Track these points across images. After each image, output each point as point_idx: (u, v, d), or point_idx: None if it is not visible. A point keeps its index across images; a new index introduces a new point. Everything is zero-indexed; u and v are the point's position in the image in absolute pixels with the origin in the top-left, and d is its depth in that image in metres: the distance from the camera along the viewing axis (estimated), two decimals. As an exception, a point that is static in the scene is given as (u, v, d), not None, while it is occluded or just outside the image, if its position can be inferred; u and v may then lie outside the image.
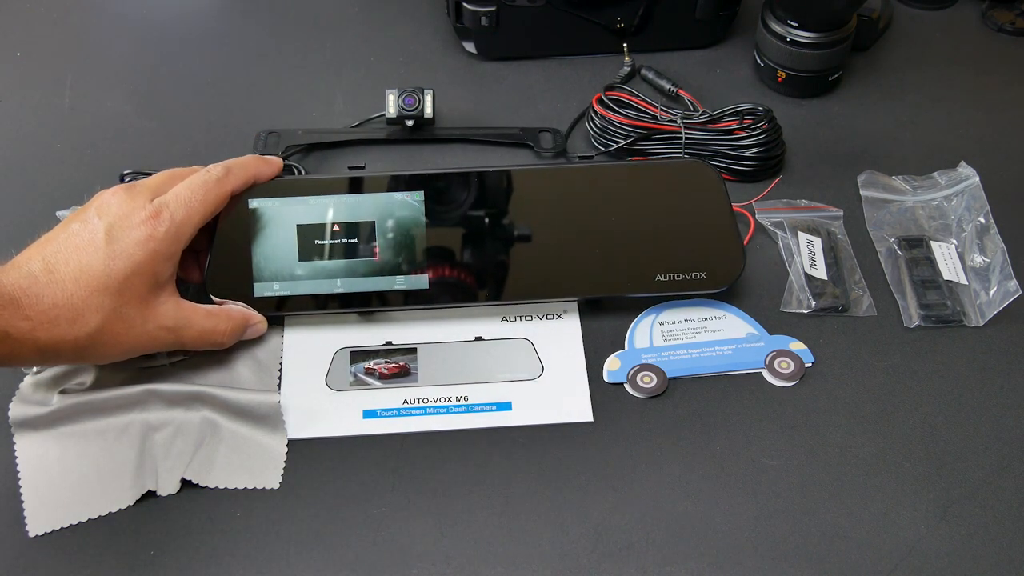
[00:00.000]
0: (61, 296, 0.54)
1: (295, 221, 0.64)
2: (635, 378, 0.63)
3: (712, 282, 0.64)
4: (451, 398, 0.62)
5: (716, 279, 0.64)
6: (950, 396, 0.62)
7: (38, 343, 0.53)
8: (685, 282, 0.64)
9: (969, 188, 0.72)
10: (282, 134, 0.78)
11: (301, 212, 0.64)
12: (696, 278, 0.64)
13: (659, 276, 0.64)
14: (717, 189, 0.66)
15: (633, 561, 0.55)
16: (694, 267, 0.64)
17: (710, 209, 0.66)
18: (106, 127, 0.80)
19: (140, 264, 0.56)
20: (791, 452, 0.60)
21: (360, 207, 0.64)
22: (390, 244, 0.64)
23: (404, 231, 0.64)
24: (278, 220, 0.64)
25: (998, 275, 0.67)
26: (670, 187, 0.66)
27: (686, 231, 0.65)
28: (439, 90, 0.78)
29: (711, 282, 0.64)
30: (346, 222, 0.64)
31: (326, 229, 0.64)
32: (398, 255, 0.64)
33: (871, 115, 0.81)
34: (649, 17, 0.84)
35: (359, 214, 0.64)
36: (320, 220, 0.64)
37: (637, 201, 0.66)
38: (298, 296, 0.63)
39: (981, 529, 0.56)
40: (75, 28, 0.89)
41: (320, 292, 0.64)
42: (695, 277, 0.64)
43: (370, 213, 0.64)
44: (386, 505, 0.57)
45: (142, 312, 0.56)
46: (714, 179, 0.66)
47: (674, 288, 0.64)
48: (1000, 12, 0.90)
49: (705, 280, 0.64)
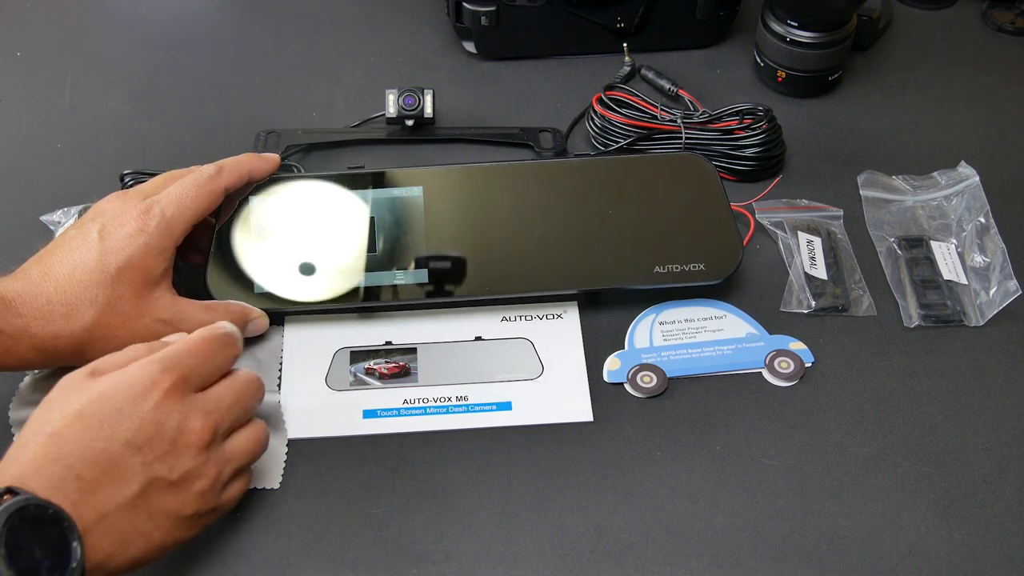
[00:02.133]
0: (55, 293, 0.55)
1: (295, 219, 0.64)
2: (635, 378, 0.63)
3: (711, 273, 0.64)
4: (451, 398, 0.62)
5: (714, 270, 0.64)
6: (950, 396, 0.62)
7: (34, 339, 0.55)
8: (684, 273, 0.64)
9: (969, 188, 0.72)
10: (282, 134, 0.78)
11: (301, 210, 0.64)
12: (695, 269, 0.64)
13: (658, 267, 0.64)
14: (712, 180, 0.66)
15: (633, 561, 0.55)
16: (692, 258, 0.64)
17: (706, 200, 0.66)
18: (106, 127, 0.80)
19: (132, 257, 0.56)
20: (791, 452, 0.60)
21: (359, 203, 0.65)
22: (389, 240, 0.64)
23: (403, 226, 0.64)
24: (278, 218, 0.64)
25: (998, 275, 0.67)
26: (665, 179, 0.67)
27: (683, 222, 0.66)
28: (439, 90, 0.78)
29: (709, 273, 0.64)
30: (345, 218, 0.64)
31: (325, 226, 0.64)
32: (397, 251, 0.64)
33: (871, 115, 0.81)
34: (649, 17, 0.84)
35: (358, 210, 0.64)
36: (320, 218, 0.64)
37: (634, 194, 0.66)
38: (298, 293, 0.63)
39: (981, 529, 0.56)
40: (75, 28, 0.89)
41: (320, 289, 0.64)
42: (693, 268, 0.64)
43: (369, 209, 0.64)
44: (386, 505, 0.57)
45: (137, 306, 0.57)
46: (709, 171, 0.67)
47: (673, 280, 0.64)
48: (1000, 12, 0.90)
49: (704, 271, 0.64)
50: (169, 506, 0.49)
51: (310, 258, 0.64)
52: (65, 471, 0.46)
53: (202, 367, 0.52)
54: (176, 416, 0.50)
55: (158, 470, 0.49)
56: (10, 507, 0.42)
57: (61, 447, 0.47)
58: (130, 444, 0.48)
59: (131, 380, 0.50)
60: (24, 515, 0.43)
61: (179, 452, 0.50)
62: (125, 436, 0.48)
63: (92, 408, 0.48)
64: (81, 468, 0.46)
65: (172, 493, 0.49)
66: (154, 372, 0.50)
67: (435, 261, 0.64)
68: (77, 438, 0.47)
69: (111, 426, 0.48)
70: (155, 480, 0.48)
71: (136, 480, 0.48)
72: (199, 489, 0.51)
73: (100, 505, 0.46)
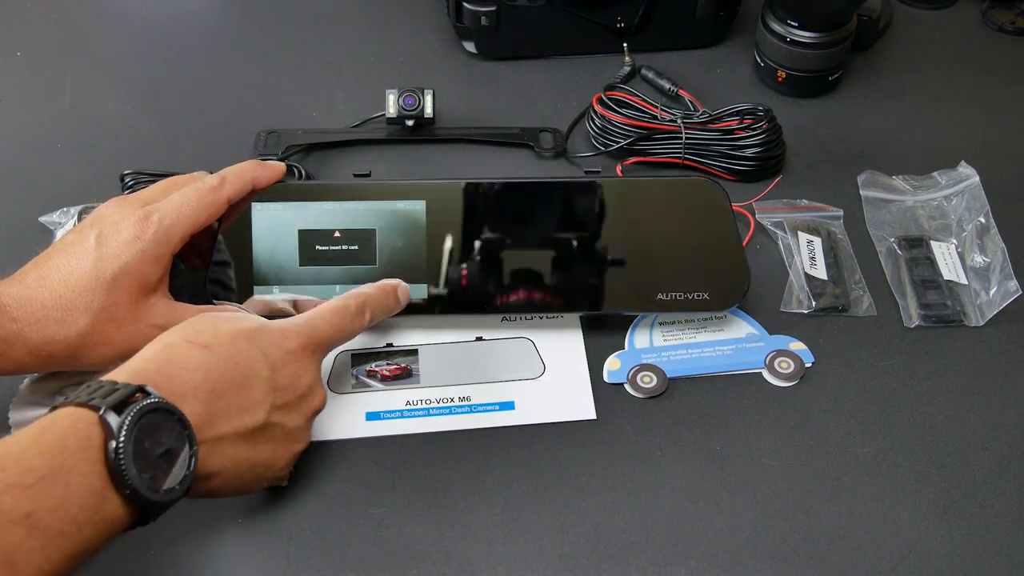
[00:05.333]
0: (50, 298, 0.55)
1: (297, 226, 0.64)
2: (635, 378, 0.63)
3: (715, 303, 0.64)
4: (454, 399, 0.62)
5: (719, 301, 0.64)
6: (950, 396, 0.62)
7: (28, 344, 0.55)
8: (687, 302, 0.63)
9: (969, 188, 0.72)
10: (282, 134, 0.78)
11: (303, 217, 0.64)
12: (699, 299, 0.63)
13: (661, 295, 0.64)
14: (723, 208, 0.65)
15: (633, 561, 0.55)
16: (697, 287, 0.63)
17: (716, 228, 0.65)
18: (106, 127, 0.80)
19: (128, 264, 0.56)
20: (791, 452, 0.60)
21: (362, 214, 0.64)
22: (391, 252, 0.64)
23: (405, 240, 0.64)
24: (280, 225, 0.64)
25: (998, 275, 0.67)
26: (675, 204, 0.65)
27: (690, 250, 0.64)
28: (439, 90, 0.77)
29: (714, 303, 0.64)
30: (347, 229, 0.64)
31: (327, 235, 0.64)
32: (398, 264, 0.64)
33: (871, 115, 0.81)
34: (649, 17, 0.84)
35: (361, 221, 0.64)
36: (322, 226, 0.64)
37: (641, 217, 0.65)
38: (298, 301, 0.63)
39: (981, 529, 0.56)
40: (75, 28, 0.89)
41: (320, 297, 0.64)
42: (698, 297, 0.64)
43: (372, 220, 0.64)
44: (386, 505, 0.57)
45: (133, 312, 0.57)
46: (720, 197, 0.65)
47: (675, 308, 0.64)
48: (1000, 12, 0.90)
49: (708, 301, 0.63)
50: (270, 453, 0.52)
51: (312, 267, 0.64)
52: (203, 382, 0.48)
53: (335, 338, 0.56)
54: (310, 376, 0.53)
55: (279, 417, 0.51)
56: (142, 408, 0.44)
57: (207, 359, 0.49)
58: (268, 381, 0.51)
59: (282, 329, 0.53)
60: (152, 418, 0.44)
61: (301, 409, 0.53)
62: (266, 373, 0.51)
63: (246, 336, 0.51)
64: (218, 384, 0.49)
65: (277, 442, 0.52)
66: (302, 330, 0.54)
67: (436, 277, 0.64)
68: (224, 356, 0.50)
69: (258, 358, 0.51)
70: (273, 424, 0.51)
71: (260, 415, 0.50)
72: (295, 451, 0.54)
73: (221, 426, 0.48)
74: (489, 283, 0.64)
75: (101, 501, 0.42)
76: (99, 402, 0.44)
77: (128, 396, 0.44)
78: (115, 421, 0.43)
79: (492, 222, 0.64)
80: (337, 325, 0.56)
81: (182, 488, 0.45)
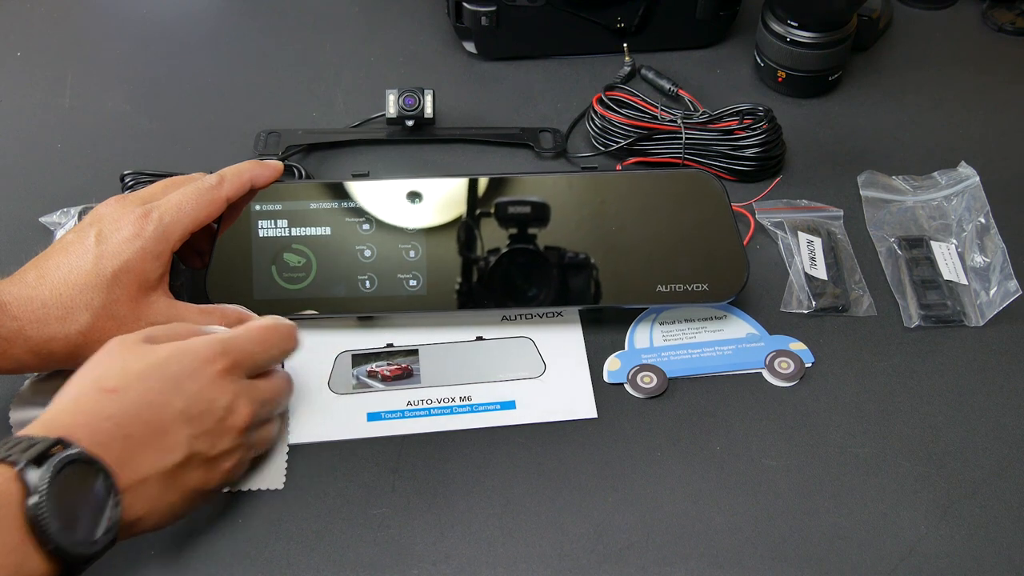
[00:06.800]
0: (50, 296, 0.55)
1: (296, 225, 0.64)
2: (635, 378, 0.63)
3: (714, 294, 0.64)
4: (455, 398, 0.62)
5: (718, 291, 0.64)
6: (950, 396, 0.62)
7: (29, 342, 0.55)
8: (687, 294, 0.64)
9: (969, 188, 0.72)
10: (282, 134, 0.78)
11: (302, 216, 0.64)
12: (698, 290, 0.64)
13: (660, 287, 0.64)
14: (720, 200, 0.65)
15: (633, 561, 0.55)
16: (696, 279, 0.64)
17: (713, 220, 0.65)
18: (106, 127, 0.80)
19: (128, 261, 0.56)
20: (791, 452, 0.60)
21: (360, 213, 0.64)
22: (389, 249, 0.64)
23: (404, 237, 0.64)
24: (279, 225, 0.64)
25: (998, 275, 0.67)
26: (673, 197, 0.65)
27: (688, 242, 0.65)
28: (439, 90, 0.78)
29: (713, 294, 0.64)
30: (346, 227, 0.64)
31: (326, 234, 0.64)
32: (397, 261, 0.64)
33: (871, 115, 0.81)
34: (649, 17, 0.84)
35: (359, 219, 0.64)
36: (321, 225, 0.64)
37: (640, 211, 0.65)
38: (298, 300, 0.63)
39: (981, 529, 0.56)
40: (75, 28, 0.89)
41: (320, 296, 0.64)
42: (697, 288, 0.64)
43: (370, 218, 0.64)
44: (386, 505, 0.57)
45: (133, 310, 0.57)
46: (718, 190, 0.65)
47: (676, 300, 0.64)
48: (1000, 12, 0.90)
49: (707, 292, 0.64)
50: (198, 480, 0.51)
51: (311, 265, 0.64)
52: (116, 428, 0.47)
53: (259, 355, 0.55)
54: (228, 396, 0.52)
55: (200, 445, 0.50)
56: (62, 460, 0.43)
57: (117, 405, 0.48)
58: (183, 414, 0.49)
59: (193, 353, 0.51)
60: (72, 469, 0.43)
61: (223, 432, 0.51)
62: (180, 406, 0.49)
63: (155, 372, 0.50)
64: (132, 428, 0.47)
65: (205, 468, 0.51)
66: (215, 350, 0.52)
67: (434, 274, 0.64)
68: (135, 399, 0.48)
69: (170, 393, 0.49)
70: (196, 454, 0.50)
71: (180, 450, 0.49)
72: (227, 468, 0.52)
73: (142, 468, 0.47)
74: (487, 278, 0.64)
75: (21, 558, 0.41)
76: (17, 457, 0.42)
77: (47, 449, 0.43)
78: (34, 476, 0.42)
79: (490, 217, 0.64)
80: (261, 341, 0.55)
81: (107, 538, 0.44)
